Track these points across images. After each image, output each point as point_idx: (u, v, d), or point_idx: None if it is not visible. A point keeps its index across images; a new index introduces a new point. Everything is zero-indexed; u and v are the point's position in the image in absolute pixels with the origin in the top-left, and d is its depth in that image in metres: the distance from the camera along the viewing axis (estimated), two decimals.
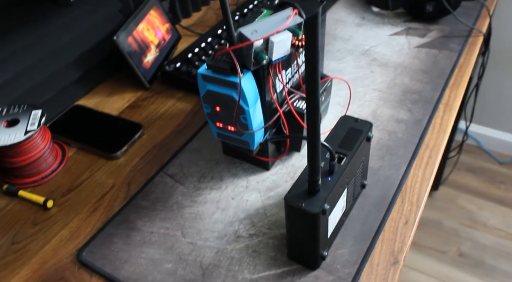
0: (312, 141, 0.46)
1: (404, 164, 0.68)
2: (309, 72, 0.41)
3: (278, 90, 0.61)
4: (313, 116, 0.44)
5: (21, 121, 0.67)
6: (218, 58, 0.56)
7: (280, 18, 0.56)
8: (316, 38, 0.38)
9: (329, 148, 0.51)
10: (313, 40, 0.38)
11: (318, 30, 0.38)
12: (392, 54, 0.89)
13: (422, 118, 0.75)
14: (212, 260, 0.58)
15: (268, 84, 0.58)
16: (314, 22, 0.37)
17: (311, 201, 0.50)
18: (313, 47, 0.39)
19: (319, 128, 0.45)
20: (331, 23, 0.98)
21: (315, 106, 0.43)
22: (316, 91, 0.42)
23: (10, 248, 0.62)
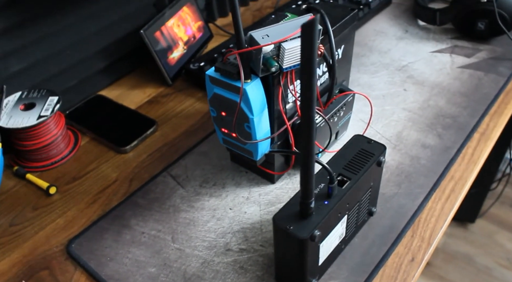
0: (305, 160, 0.42)
1: (422, 194, 0.62)
2: (304, 86, 0.37)
3: (290, 100, 0.58)
4: (307, 133, 0.40)
5: (37, 106, 0.68)
6: (227, 61, 0.53)
7: (296, 24, 0.52)
8: (312, 50, 0.34)
9: (328, 169, 0.47)
10: (308, 51, 0.35)
11: (314, 41, 0.34)
12: (431, 72, 0.82)
13: (451, 146, 0.69)
14: (196, 270, 0.56)
15: (278, 93, 0.54)
16: (309, 31, 0.34)
17: (301, 225, 0.46)
18: (308, 60, 0.35)
19: (313, 146, 0.41)
20: (371, 34, 0.92)
21: (309, 122, 0.39)
22: (310, 106, 0.38)
23: (7, 229, 0.62)
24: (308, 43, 0.34)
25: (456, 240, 1.62)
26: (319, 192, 0.49)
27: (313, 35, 0.34)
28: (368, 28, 0.94)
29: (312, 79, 0.36)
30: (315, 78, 0.36)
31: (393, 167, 0.66)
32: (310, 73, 0.36)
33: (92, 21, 0.76)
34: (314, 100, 0.38)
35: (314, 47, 0.34)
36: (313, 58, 0.35)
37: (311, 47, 0.34)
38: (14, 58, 0.69)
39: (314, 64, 0.35)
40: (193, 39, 0.88)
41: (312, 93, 0.37)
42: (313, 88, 0.37)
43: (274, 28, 0.51)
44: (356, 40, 0.91)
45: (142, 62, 0.87)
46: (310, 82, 0.36)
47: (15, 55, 0.68)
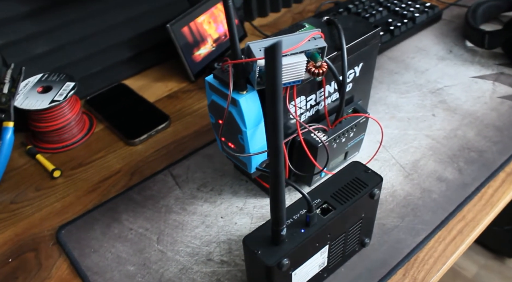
0: (273, 188, 0.40)
1: (425, 231, 0.58)
2: (269, 109, 0.34)
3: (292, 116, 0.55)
4: (274, 159, 0.38)
5: (53, 89, 0.69)
6: (226, 70, 0.52)
7: (298, 38, 0.49)
8: (275, 74, 0.32)
9: (306, 198, 0.44)
10: (272, 76, 0.32)
11: (278, 65, 0.32)
12: (466, 99, 0.76)
13: (470, 183, 0.63)
14: (173, 276, 0.55)
15: None
16: (272, 55, 0.31)
17: (270, 251, 0.44)
18: (271, 84, 0.33)
19: (282, 174, 0.39)
20: (411, 50, 0.87)
21: (276, 147, 0.37)
22: (276, 132, 0.36)
23: (8, 206, 0.64)
24: (271, 67, 0.31)
25: (490, 273, 1.51)
26: (298, 218, 0.46)
27: (276, 59, 0.31)
28: (409, 44, 0.88)
29: (276, 104, 0.34)
30: (280, 102, 0.34)
31: (400, 197, 0.62)
32: (273, 98, 0.33)
33: (121, 10, 0.77)
34: (280, 125, 0.35)
35: (277, 72, 0.32)
36: (277, 83, 0.32)
37: (274, 72, 0.32)
38: (39, 41, 0.71)
39: (278, 89, 0.32)
40: (224, 37, 0.87)
41: (277, 118, 0.35)
42: (278, 113, 0.34)
43: (274, 41, 0.48)
44: (393, 55, 0.86)
45: (170, 55, 0.87)
46: (274, 108, 0.34)
47: (40, 37, 0.70)
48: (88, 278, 0.55)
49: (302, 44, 0.47)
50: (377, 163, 0.66)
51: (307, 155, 0.57)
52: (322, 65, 0.49)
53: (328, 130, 0.58)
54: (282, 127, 0.35)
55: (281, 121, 0.35)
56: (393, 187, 0.63)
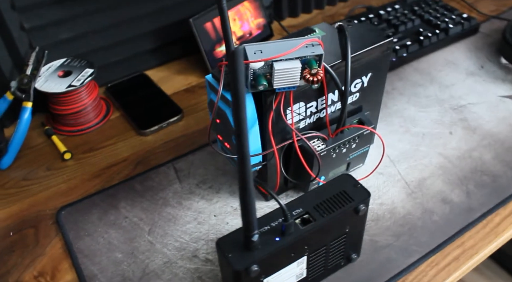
0: (241, 194, 0.39)
1: (419, 253, 0.55)
2: (234, 116, 0.34)
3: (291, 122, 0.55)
4: (240, 166, 0.38)
5: (72, 74, 0.72)
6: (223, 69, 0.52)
7: (297, 44, 0.48)
8: (236, 79, 0.32)
9: (282, 206, 0.44)
10: (234, 81, 0.32)
11: (239, 70, 0.31)
12: (490, 119, 0.72)
13: (476, 209, 0.60)
14: (157, 268, 0.56)
15: (269, 113, 0.51)
16: (234, 60, 0.31)
17: (241, 255, 0.44)
18: (234, 90, 0.32)
19: (249, 179, 0.38)
20: (440, 63, 0.83)
21: (242, 154, 0.37)
22: (241, 138, 0.35)
23: (19, 182, 0.68)
24: (233, 72, 0.31)
25: None
26: (275, 226, 0.46)
27: (237, 65, 0.31)
28: (438, 56, 0.84)
29: (239, 110, 0.33)
30: (243, 108, 0.33)
31: (399, 215, 0.59)
32: (236, 103, 0.33)
33: (147, 2, 0.78)
34: (245, 131, 0.35)
35: (238, 77, 0.31)
36: (239, 88, 0.32)
37: (236, 77, 0.31)
38: (64, 27, 0.73)
39: (240, 94, 0.32)
40: (249, 35, 0.87)
41: (241, 124, 0.34)
42: (242, 119, 0.34)
43: (271, 45, 0.48)
44: (420, 67, 0.82)
45: (194, 50, 0.88)
46: (237, 114, 0.34)
47: (66, 24, 0.73)
48: (77, 260, 0.57)
49: (296, 50, 0.46)
50: (381, 177, 0.64)
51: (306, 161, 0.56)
52: (318, 73, 0.48)
53: (327, 139, 0.57)
54: (246, 133, 0.35)
55: (245, 127, 0.35)
56: (393, 204, 0.61)
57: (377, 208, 0.60)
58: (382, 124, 0.72)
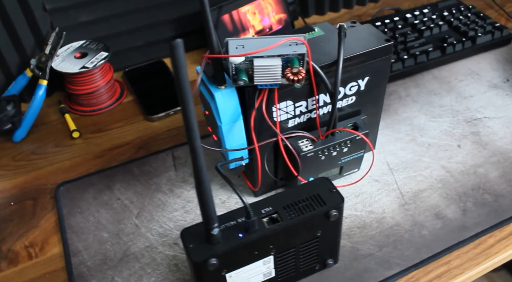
0: (197, 185, 0.40)
1: (400, 267, 0.53)
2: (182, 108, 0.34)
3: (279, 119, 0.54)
4: (194, 160, 0.38)
5: (87, 56, 0.75)
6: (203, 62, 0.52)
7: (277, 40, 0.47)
8: (178, 72, 0.32)
9: (244, 203, 0.44)
10: (176, 74, 0.32)
11: (180, 63, 0.31)
12: (504, 136, 0.68)
13: (470, 228, 0.57)
14: (138, 251, 0.57)
15: (252, 109, 0.51)
16: (174, 53, 0.31)
17: (202, 247, 0.44)
18: (177, 83, 0.32)
19: (203, 173, 0.39)
20: (462, 72, 0.79)
21: (192, 143, 0.37)
22: (190, 130, 0.36)
23: (28, 155, 0.71)
24: (174, 65, 0.31)
25: None
26: (241, 222, 0.46)
27: (178, 58, 0.31)
28: (462, 65, 0.80)
29: (186, 103, 0.34)
30: (189, 101, 0.34)
31: (387, 225, 0.58)
32: (182, 96, 0.33)
33: None
34: (193, 124, 0.35)
35: (180, 70, 0.31)
36: (182, 81, 0.32)
37: (177, 70, 0.31)
38: (85, 10, 0.76)
39: (185, 87, 0.32)
40: (269, 30, 0.86)
41: (188, 117, 0.35)
42: (189, 112, 0.34)
43: (255, 40, 0.47)
44: (440, 75, 0.79)
45: None
46: (184, 107, 0.34)
47: (87, 7, 0.76)
48: (66, 235, 0.59)
49: (275, 47, 0.46)
50: (376, 185, 0.62)
51: (292, 160, 0.56)
52: (300, 72, 0.47)
53: (316, 141, 0.56)
54: (195, 126, 0.35)
55: (193, 120, 0.35)
56: (383, 213, 0.59)
57: (365, 216, 0.59)
58: (388, 131, 0.70)
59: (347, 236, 0.57)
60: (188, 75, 0.33)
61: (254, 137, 0.52)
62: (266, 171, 0.57)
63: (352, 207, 0.60)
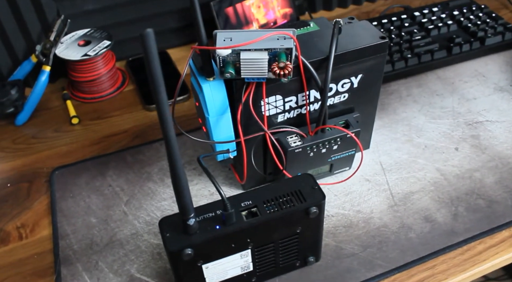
0: (172, 175, 0.40)
1: (382, 268, 0.53)
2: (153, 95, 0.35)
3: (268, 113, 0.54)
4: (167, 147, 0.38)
5: (90, 44, 0.75)
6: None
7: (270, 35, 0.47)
8: (150, 62, 0.32)
9: (221, 195, 0.44)
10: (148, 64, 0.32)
11: (151, 53, 0.31)
12: (505, 140, 0.66)
13: (460, 233, 0.56)
14: (124, 238, 0.58)
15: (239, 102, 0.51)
16: (144, 43, 0.31)
17: (179, 237, 0.44)
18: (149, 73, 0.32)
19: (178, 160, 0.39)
20: (468, 74, 0.77)
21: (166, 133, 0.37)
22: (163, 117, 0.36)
23: (29, 139, 0.73)
24: (145, 55, 0.31)
25: None
26: (219, 214, 0.46)
27: (149, 48, 0.31)
28: (469, 66, 0.78)
29: (158, 92, 0.34)
30: (162, 92, 0.34)
31: (373, 226, 0.57)
32: (154, 86, 0.33)
33: None
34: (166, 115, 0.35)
35: (151, 59, 0.31)
36: (154, 70, 0.32)
37: (148, 59, 0.31)
38: None
39: (156, 76, 0.32)
40: (273, 24, 0.86)
41: (161, 108, 0.35)
42: (162, 103, 0.34)
43: (243, 33, 0.47)
44: (444, 75, 0.77)
45: None
46: (157, 98, 0.34)
47: None
48: (56, 218, 0.60)
49: (260, 40, 0.45)
50: (367, 184, 0.62)
51: (279, 155, 0.56)
52: (287, 66, 0.46)
53: (306, 137, 0.56)
54: (168, 115, 0.35)
55: (166, 109, 0.35)
56: (371, 214, 0.58)
57: (352, 215, 0.58)
58: (385, 130, 0.68)
59: (332, 235, 0.56)
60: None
61: (240, 131, 0.52)
62: (252, 164, 0.57)
63: (340, 206, 0.59)
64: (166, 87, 0.49)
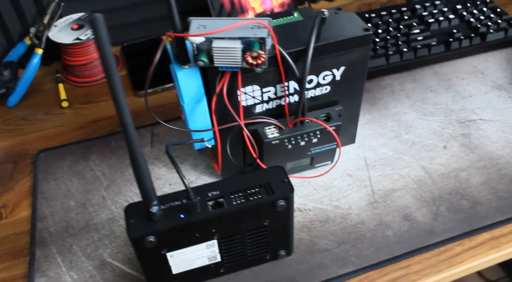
0: (131, 161, 0.40)
1: (355, 266, 0.52)
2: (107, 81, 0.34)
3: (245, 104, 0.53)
4: (125, 134, 0.38)
5: (83, 29, 0.75)
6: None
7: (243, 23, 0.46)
8: (100, 46, 0.31)
9: (185, 184, 0.43)
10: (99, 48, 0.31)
11: (101, 38, 0.31)
12: (497, 140, 0.64)
13: (438, 233, 0.54)
14: (100, 222, 0.58)
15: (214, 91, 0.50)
16: (94, 26, 0.30)
17: (142, 224, 0.44)
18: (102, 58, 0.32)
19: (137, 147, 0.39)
20: (466, 70, 0.74)
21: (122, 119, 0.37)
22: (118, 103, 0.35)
23: (18, 121, 0.73)
24: (97, 39, 0.31)
25: None
26: (184, 203, 0.45)
27: (99, 32, 0.30)
28: (467, 62, 0.76)
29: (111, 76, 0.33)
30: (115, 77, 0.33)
31: (350, 222, 0.56)
32: (106, 70, 0.33)
33: None
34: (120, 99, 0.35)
35: (102, 42, 0.31)
36: (105, 54, 0.31)
37: (99, 42, 0.31)
38: None
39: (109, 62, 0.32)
40: (270, 13, 0.84)
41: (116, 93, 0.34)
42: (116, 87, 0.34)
43: (217, 21, 0.46)
44: (441, 71, 0.75)
45: None
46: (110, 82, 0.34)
47: None
48: (36, 200, 0.61)
49: (232, 28, 0.44)
50: (348, 179, 0.60)
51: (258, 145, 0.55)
52: (260, 56, 0.45)
53: (284, 129, 0.54)
54: (123, 99, 0.35)
55: (121, 95, 0.35)
56: (349, 209, 0.57)
57: (330, 210, 0.57)
58: (373, 125, 0.67)
59: (307, 229, 0.55)
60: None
61: (214, 120, 0.51)
62: (228, 154, 0.56)
63: (319, 200, 0.58)
64: (157, 74, 0.50)
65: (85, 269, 0.53)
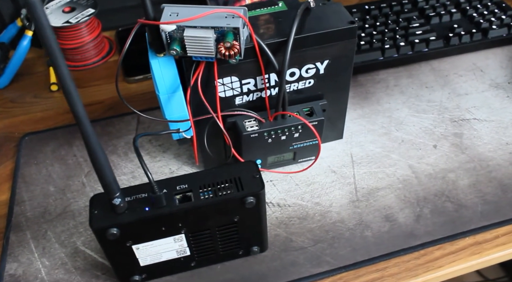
0: (88, 152, 0.39)
1: (329, 265, 0.50)
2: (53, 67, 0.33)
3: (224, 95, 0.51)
4: (80, 125, 0.37)
5: (75, 11, 0.74)
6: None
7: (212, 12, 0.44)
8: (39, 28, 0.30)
9: (149, 177, 0.42)
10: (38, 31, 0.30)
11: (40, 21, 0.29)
12: (489, 141, 0.61)
13: (419, 236, 0.52)
14: (77, 209, 0.57)
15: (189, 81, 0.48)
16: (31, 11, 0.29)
17: (106, 215, 0.43)
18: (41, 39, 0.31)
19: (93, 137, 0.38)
20: (464, 67, 0.72)
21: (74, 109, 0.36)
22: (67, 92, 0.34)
23: (7, 103, 0.73)
24: (36, 25, 0.30)
25: None
26: (149, 196, 0.44)
27: (38, 18, 0.29)
28: (467, 59, 0.73)
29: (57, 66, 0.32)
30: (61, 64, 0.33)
31: (329, 220, 0.54)
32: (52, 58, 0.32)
33: None
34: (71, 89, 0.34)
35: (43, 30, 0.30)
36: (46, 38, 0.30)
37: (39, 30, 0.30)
38: None
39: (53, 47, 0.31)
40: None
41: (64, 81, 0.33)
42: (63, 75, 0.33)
43: (191, 9, 0.44)
44: (439, 67, 0.72)
45: None
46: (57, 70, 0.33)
47: None
48: (16, 184, 0.61)
49: (205, 17, 0.43)
50: (332, 176, 0.59)
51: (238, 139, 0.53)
52: (233, 47, 0.44)
53: (264, 122, 0.53)
54: (73, 90, 0.34)
55: (71, 85, 0.34)
56: (330, 207, 0.55)
57: (310, 207, 0.56)
58: (363, 121, 0.65)
59: (285, 225, 0.54)
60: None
61: (189, 111, 0.50)
62: (205, 146, 0.55)
63: (299, 196, 0.57)
64: (148, 59, 0.49)
65: (57, 256, 0.53)
